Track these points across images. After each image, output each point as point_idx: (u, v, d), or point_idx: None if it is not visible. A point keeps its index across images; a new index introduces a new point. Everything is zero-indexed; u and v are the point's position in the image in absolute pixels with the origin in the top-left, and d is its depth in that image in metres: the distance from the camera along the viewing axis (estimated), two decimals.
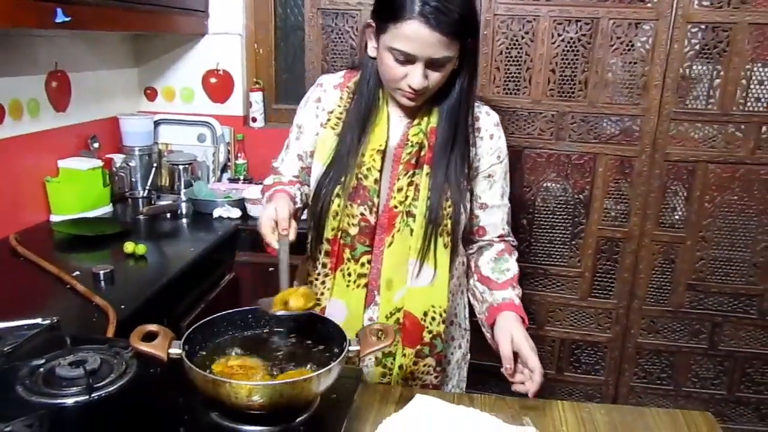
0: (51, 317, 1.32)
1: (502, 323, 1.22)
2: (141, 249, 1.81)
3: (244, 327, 1.08)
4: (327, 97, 1.27)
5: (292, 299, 1.01)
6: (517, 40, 1.90)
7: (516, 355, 1.18)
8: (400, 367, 1.29)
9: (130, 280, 1.69)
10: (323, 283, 1.28)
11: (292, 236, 1.07)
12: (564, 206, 2.02)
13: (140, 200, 2.21)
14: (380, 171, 1.22)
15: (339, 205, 1.22)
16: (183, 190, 2.36)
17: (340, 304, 1.27)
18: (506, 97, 1.95)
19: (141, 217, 2.16)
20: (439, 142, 1.20)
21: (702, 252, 1.94)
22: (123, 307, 1.49)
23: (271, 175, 1.35)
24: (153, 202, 2.24)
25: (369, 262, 1.25)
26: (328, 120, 1.26)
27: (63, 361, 1.04)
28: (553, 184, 2.01)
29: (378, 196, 1.22)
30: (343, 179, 1.21)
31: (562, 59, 1.89)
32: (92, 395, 0.98)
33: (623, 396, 2.10)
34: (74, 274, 1.65)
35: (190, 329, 1.00)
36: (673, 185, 1.93)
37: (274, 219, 1.08)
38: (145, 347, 0.91)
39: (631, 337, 2.04)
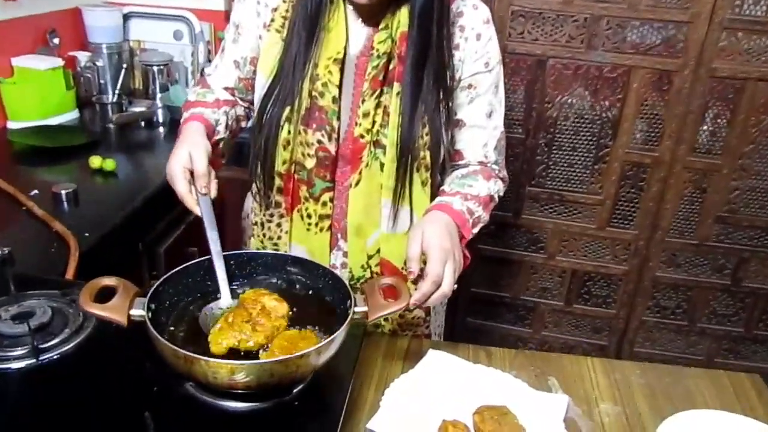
0: (2, 248, 1.13)
1: (419, 222, 0.97)
2: (109, 164, 1.59)
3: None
4: None
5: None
6: None
7: None
8: (386, 319, 1.12)
9: (97, 202, 1.48)
10: (279, 225, 1.08)
11: (213, 193, 0.90)
12: (589, 126, 1.80)
13: (109, 106, 1.95)
14: (339, 87, 0.98)
15: (290, 132, 0.99)
16: (159, 95, 2.09)
17: (301, 250, 1.08)
18: None
19: (111, 125, 1.91)
20: (412, 52, 0.95)
21: (738, 182, 1.76)
22: (87, 235, 1.29)
23: (197, 87, 1.11)
24: (124, 108, 1.99)
25: (331, 200, 1.04)
26: (272, 20, 1.00)
27: (4, 312, 0.86)
28: (579, 101, 1.78)
29: (338, 119, 0.99)
30: (292, 98, 0.97)
31: None
32: (40, 358, 0.80)
33: (633, 330, 1.99)
34: (32, 193, 1.44)
35: (158, 282, 0.81)
36: (715, 106, 1.70)
37: (188, 168, 0.89)
38: (98, 310, 0.72)
39: (648, 270, 1.90)
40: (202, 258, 0.87)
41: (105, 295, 0.77)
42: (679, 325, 1.97)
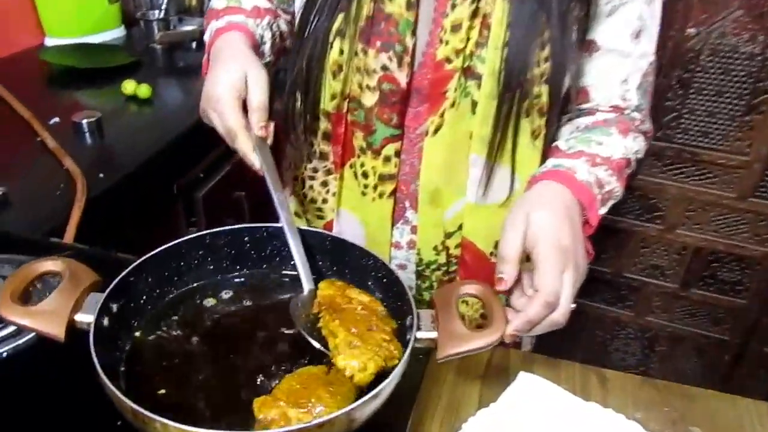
0: None
1: (523, 198, 0.65)
2: (144, 91, 1.35)
3: (235, 259, 0.63)
4: None
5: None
6: None
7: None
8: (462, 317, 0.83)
9: (125, 134, 1.25)
10: (324, 184, 0.80)
11: (270, 138, 0.65)
12: (744, 64, 1.37)
13: (155, 24, 1.70)
14: None
15: (342, 52, 0.71)
16: None
17: (353, 220, 0.80)
18: None
19: (157, 46, 1.67)
20: None
21: None
22: (102, 176, 1.07)
23: None
24: (172, 26, 1.73)
25: (398, 153, 0.74)
26: None
27: None
28: (735, 30, 1.35)
29: (414, 34, 0.70)
30: (347, 1, 0.69)
31: None
32: None
33: (763, 327, 1.61)
34: (51, 121, 1.23)
35: (127, 270, 0.55)
36: None
37: (241, 96, 0.64)
38: (20, 317, 0.47)
39: None
40: (197, 234, 0.60)
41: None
42: None
